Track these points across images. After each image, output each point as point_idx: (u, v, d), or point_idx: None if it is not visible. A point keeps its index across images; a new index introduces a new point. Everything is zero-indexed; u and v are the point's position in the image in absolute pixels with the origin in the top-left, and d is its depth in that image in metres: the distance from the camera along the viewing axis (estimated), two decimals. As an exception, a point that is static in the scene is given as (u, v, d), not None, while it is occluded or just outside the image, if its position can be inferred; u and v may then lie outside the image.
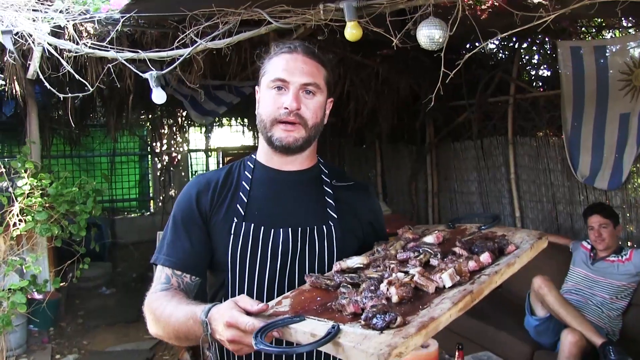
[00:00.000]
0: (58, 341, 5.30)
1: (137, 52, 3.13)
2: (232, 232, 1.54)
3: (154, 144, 9.93)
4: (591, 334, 3.46)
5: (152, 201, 10.48)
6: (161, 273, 1.58)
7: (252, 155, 1.71)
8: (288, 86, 1.52)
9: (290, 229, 1.54)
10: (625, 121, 4.71)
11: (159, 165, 10.05)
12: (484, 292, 1.27)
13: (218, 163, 10.32)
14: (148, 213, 10.31)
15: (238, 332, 1.18)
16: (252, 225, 1.54)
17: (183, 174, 10.54)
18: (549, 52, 6.02)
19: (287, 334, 1.17)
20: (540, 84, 6.20)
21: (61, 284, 5.00)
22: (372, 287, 1.27)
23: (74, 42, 3.22)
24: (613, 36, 5.45)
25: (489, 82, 6.14)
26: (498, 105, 6.21)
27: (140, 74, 3.20)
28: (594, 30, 5.65)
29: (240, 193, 1.60)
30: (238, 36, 2.89)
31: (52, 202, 4.29)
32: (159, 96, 3.24)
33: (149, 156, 10.31)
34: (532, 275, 3.86)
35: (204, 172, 10.99)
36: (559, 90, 5.24)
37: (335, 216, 1.61)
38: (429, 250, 1.44)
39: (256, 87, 1.65)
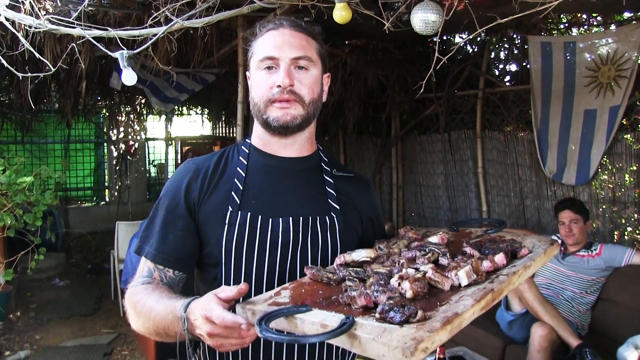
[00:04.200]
0: (8, 336, 5.03)
1: (107, 29, 2.91)
2: (227, 221, 1.41)
3: (111, 132, 9.63)
4: (567, 334, 3.46)
5: (107, 190, 10.22)
6: (144, 265, 1.48)
7: (247, 140, 1.59)
8: (278, 63, 1.41)
9: (290, 218, 1.43)
10: (592, 117, 4.76)
11: (115, 154, 9.79)
12: (504, 292, 1.20)
13: (176, 152, 10.15)
14: (103, 202, 10.09)
15: (216, 326, 1.09)
16: (249, 214, 1.42)
17: (140, 162, 10.30)
18: (517, 46, 6.05)
19: (292, 325, 1.08)
20: (508, 78, 6.22)
21: (13, 276, 4.75)
22: (382, 282, 1.17)
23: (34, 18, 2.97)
24: (582, 32, 5.50)
25: (457, 76, 6.13)
26: (466, 99, 6.22)
27: (110, 53, 2.99)
28: (562, 26, 5.70)
29: (235, 180, 1.48)
30: (217, 15, 2.71)
31: (6, 190, 4.03)
32: (129, 77, 3.03)
33: (105, 144, 10.03)
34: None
35: (162, 160, 10.84)
36: (528, 85, 5.27)
37: (338, 207, 1.51)
38: (436, 249, 1.35)
39: (247, 73, 1.54)
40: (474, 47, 6.36)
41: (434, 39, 2.41)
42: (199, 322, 1.13)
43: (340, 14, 2.45)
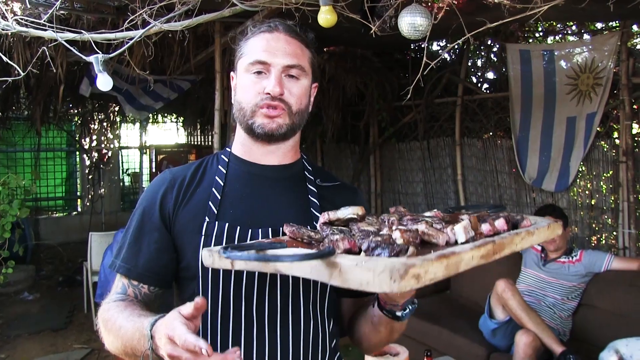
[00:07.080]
0: (-30, 355, 4.83)
1: (81, 32, 2.80)
2: (203, 232, 1.33)
3: (83, 140, 9.43)
4: (551, 341, 3.45)
5: (79, 200, 10.01)
6: (118, 281, 1.40)
7: (227, 149, 1.52)
8: (269, 69, 1.34)
9: (270, 229, 1.35)
10: (572, 124, 4.80)
11: (88, 162, 9.59)
12: (505, 248, 1.08)
13: (151, 161, 9.99)
14: (75, 213, 9.87)
15: (177, 348, 0.99)
16: (227, 224, 1.34)
17: (113, 171, 10.13)
18: (495, 54, 6.09)
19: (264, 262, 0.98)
20: (487, 85, 6.26)
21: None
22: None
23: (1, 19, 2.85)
24: (559, 41, 5.57)
25: (436, 83, 6.14)
26: (445, 106, 6.22)
27: (84, 57, 2.88)
28: (540, 34, 5.76)
29: (213, 189, 1.40)
30: (197, 18, 2.62)
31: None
32: (104, 82, 2.92)
33: (77, 152, 9.84)
34: (485, 278, 3.79)
35: (136, 169, 10.67)
36: (507, 93, 5.29)
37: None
38: (430, 220, 1.25)
39: (231, 74, 1.47)
40: (452, 54, 6.38)
41: (422, 44, 2.37)
42: (162, 341, 1.04)
43: (325, 17, 2.39)
